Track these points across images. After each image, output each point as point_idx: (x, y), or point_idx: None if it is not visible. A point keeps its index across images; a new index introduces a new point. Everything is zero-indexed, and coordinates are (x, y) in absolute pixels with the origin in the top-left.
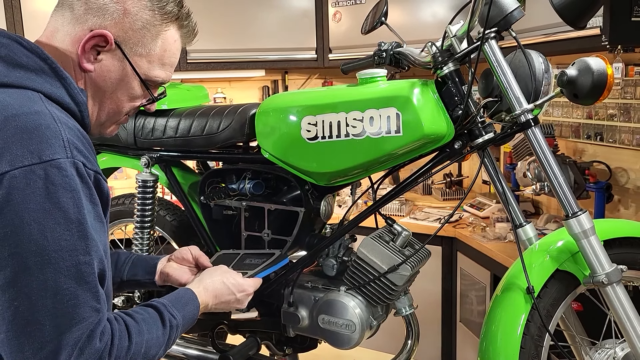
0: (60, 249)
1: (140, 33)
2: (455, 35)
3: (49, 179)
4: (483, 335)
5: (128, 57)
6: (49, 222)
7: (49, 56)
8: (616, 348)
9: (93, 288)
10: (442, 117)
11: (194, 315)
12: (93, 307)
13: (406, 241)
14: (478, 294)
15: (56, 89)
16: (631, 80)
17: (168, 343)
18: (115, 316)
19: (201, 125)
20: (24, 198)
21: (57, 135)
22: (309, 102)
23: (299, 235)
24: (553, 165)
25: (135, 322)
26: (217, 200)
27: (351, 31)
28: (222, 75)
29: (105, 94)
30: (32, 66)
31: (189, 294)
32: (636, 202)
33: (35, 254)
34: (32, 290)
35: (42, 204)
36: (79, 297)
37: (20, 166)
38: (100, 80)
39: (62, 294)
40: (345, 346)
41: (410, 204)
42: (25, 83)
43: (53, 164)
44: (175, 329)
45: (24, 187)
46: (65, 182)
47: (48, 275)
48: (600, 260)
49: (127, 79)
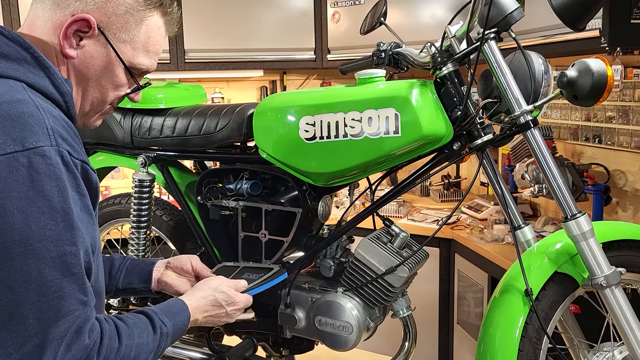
0: (45, 239)
1: (124, 18)
2: (455, 36)
3: (32, 166)
4: (481, 338)
5: (112, 43)
6: (33, 211)
7: (31, 45)
8: (614, 351)
9: (79, 280)
10: (441, 118)
11: (184, 326)
12: (79, 299)
13: (404, 242)
14: (476, 296)
15: (40, 79)
16: (630, 83)
17: (157, 350)
18: (106, 317)
19: (198, 125)
20: (7, 186)
21: (41, 123)
22: (307, 102)
23: (297, 236)
24: (552, 166)
25: (126, 325)
26: (214, 200)
27: (350, 31)
28: (221, 75)
29: (89, 81)
30: (13, 55)
31: (180, 304)
32: (634, 204)
33: (19, 243)
34: (15, 282)
35: (26, 192)
36: (64, 289)
37: (3, 153)
38: (83, 67)
39: (47, 285)
40: (342, 348)
41: (408, 205)
42: (8, 72)
43: (37, 152)
44: (166, 336)
45: (6, 174)
46: (50, 170)
47: (32, 266)
48: (599, 263)
49: (111, 66)
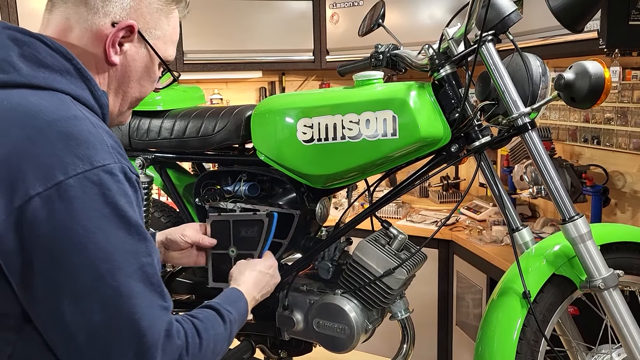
0: (125, 253)
1: (156, 16)
2: (453, 38)
3: (103, 184)
4: (479, 340)
5: (150, 43)
6: (112, 227)
7: (73, 56)
8: (612, 353)
9: (158, 288)
10: (439, 120)
11: (246, 310)
12: (162, 306)
13: (402, 244)
14: (474, 297)
15: (82, 91)
16: (628, 84)
17: (230, 337)
18: (182, 317)
19: (196, 127)
20: (84, 206)
21: (101, 141)
22: (305, 104)
23: (295, 237)
24: (550, 168)
25: (200, 320)
26: (212, 202)
27: (349, 33)
28: (219, 76)
29: (131, 83)
30: (56, 66)
31: (235, 292)
32: (633, 206)
33: (105, 261)
34: (107, 297)
35: (102, 210)
36: (149, 298)
37: (74, 174)
38: (125, 71)
39: (135, 297)
40: (340, 350)
41: (407, 206)
42: (53, 84)
43: (105, 169)
44: (234, 323)
45: (81, 195)
46: (118, 186)
47: (120, 281)
48: (597, 265)
49: (150, 64)
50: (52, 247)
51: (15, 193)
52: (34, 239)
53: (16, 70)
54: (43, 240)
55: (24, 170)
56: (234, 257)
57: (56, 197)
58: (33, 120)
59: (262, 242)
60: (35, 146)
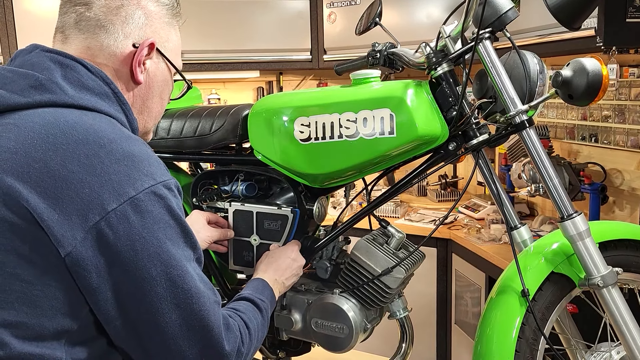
0: (188, 259)
1: (167, 29)
2: (450, 36)
3: (166, 198)
4: (478, 339)
5: (167, 57)
6: (176, 236)
7: (111, 81)
8: (612, 351)
9: (208, 285)
10: (436, 118)
11: (273, 297)
12: (217, 301)
13: (400, 243)
14: (473, 296)
15: (119, 114)
16: (626, 82)
17: (267, 324)
18: (228, 311)
19: (193, 127)
20: (154, 218)
21: (156, 158)
22: (302, 103)
23: (293, 237)
24: (548, 166)
25: (243, 312)
26: (210, 202)
27: (346, 32)
28: (217, 76)
29: (154, 98)
30: (97, 90)
31: (259, 281)
32: (631, 203)
33: (175, 267)
34: (181, 300)
35: (168, 221)
36: (209, 296)
37: (142, 190)
38: (149, 88)
39: (201, 296)
40: (339, 349)
41: (405, 205)
42: (97, 107)
43: (165, 185)
44: (268, 310)
45: (151, 208)
46: (176, 200)
47: (189, 284)
48: (596, 263)
49: (168, 77)
50: (130, 258)
51: (90, 210)
52: (113, 253)
53: (63, 91)
54: (121, 253)
55: (95, 188)
56: (257, 246)
57: (131, 211)
58: (96, 138)
59: (286, 235)
60: (103, 164)
